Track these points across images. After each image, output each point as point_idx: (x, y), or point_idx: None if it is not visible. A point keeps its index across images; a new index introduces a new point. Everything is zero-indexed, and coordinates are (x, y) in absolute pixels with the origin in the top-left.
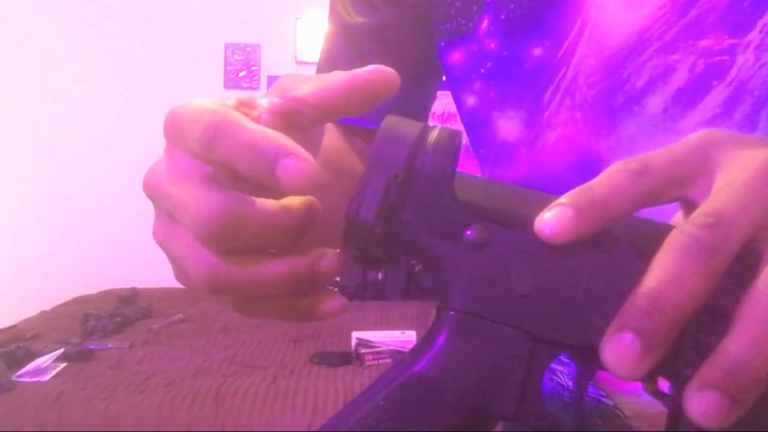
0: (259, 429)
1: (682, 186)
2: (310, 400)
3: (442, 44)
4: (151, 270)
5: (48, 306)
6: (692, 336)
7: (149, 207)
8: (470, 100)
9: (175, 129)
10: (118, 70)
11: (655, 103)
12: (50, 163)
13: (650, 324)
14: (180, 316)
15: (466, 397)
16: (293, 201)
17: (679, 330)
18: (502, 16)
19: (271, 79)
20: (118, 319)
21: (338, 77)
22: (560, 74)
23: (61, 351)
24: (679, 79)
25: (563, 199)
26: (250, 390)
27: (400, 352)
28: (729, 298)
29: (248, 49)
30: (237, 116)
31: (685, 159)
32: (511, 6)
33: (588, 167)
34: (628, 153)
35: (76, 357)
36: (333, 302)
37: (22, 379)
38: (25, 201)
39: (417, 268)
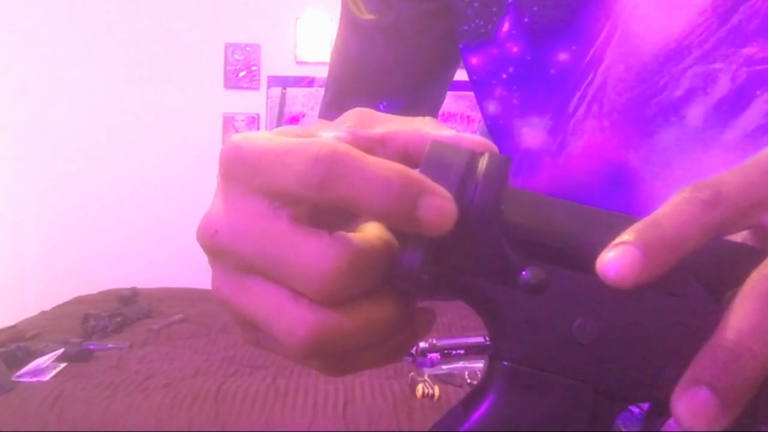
0: (259, 429)
1: (759, 212)
2: (310, 400)
3: (462, 46)
4: (151, 270)
5: (48, 306)
6: None
7: (149, 207)
8: (491, 107)
9: (247, 167)
10: (118, 70)
11: (694, 113)
12: (50, 163)
13: (728, 380)
14: (180, 316)
15: None
16: (382, 232)
17: (758, 384)
18: (525, 19)
19: (271, 79)
20: (118, 319)
21: (426, 129)
22: (587, 80)
23: (61, 351)
24: (720, 88)
25: (627, 235)
26: (250, 390)
27: None
28: None
29: (248, 49)
30: (351, 148)
31: (763, 181)
32: (535, 8)
33: (617, 177)
34: (663, 164)
35: (76, 357)
36: (429, 319)
37: (22, 379)
38: (25, 201)
39: None
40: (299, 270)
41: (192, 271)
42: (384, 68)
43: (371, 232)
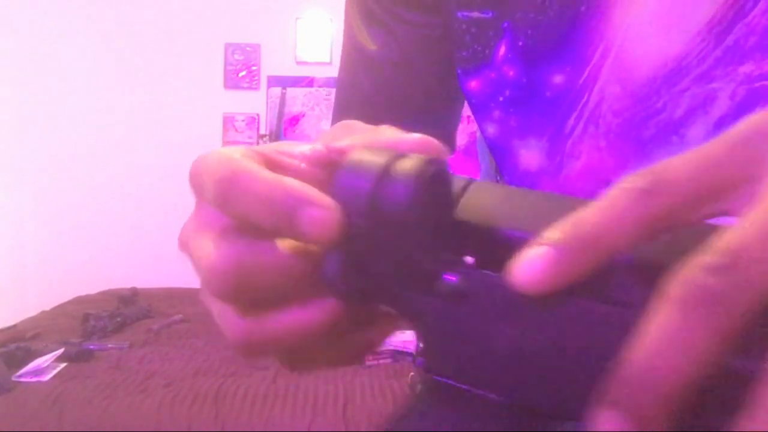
0: (259, 429)
1: (717, 198)
2: (310, 400)
3: (460, 71)
4: (151, 270)
5: (48, 306)
6: (700, 408)
7: (149, 208)
8: (490, 129)
9: (195, 181)
10: (118, 70)
11: (695, 133)
12: (50, 163)
13: (640, 401)
14: (180, 316)
15: None
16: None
17: (679, 399)
18: (520, 43)
19: (271, 79)
20: (118, 319)
21: (385, 136)
22: (582, 101)
23: (61, 351)
24: (720, 107)
25: (546, 233)
26: (250, 390)
27: (400, 352)
28: (752, 355)
29: (248, 49)
30: (251, 166)
31: (718, 162)
32: (529, 32)
33: None
34: None
35: (76, 357)
36: (389, 322)
37: (22, 379)
38: (25, 201)
39: None
40: (202, 273)
41: (192, 271)
42: (395, 96)
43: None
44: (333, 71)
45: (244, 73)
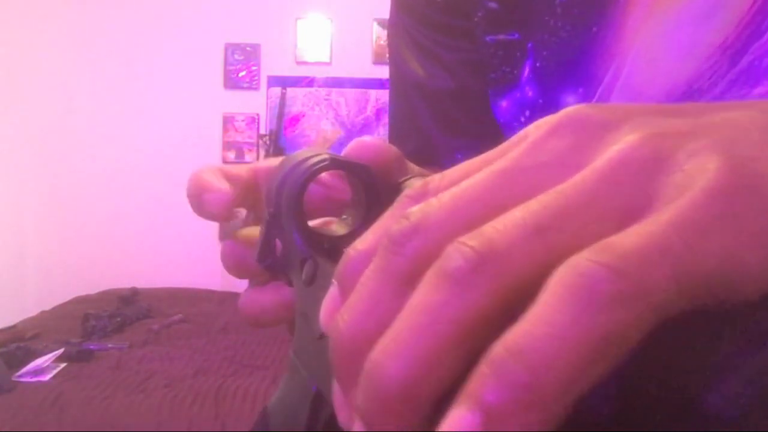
0: None
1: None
2: None
3: (491, 92)
4: (151, 270)
5: (48, 306)
6: None
7: (149, 208)
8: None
9: None
10: (118, 70)
11: None
12: (50, 163)
13: (371, 407)
14: (180, 316)
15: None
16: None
17: (419, 413)
18: (538, 64)
19: (271, 79)
20: (118, 319)
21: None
22: None
23: (61, 351)
24: None
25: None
26: (250, 390)
27: None
28: None
29: (248, 49)
30: (206, 169)
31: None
32: (545, 53)
33: None
34: None
35: (76, 357)
36: None
37: (22, 379)
38: (25, 201)
39: None
40: None
41: (192, 271)
42: (451, 123)
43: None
44: (333, 71)
45: (244, 73)
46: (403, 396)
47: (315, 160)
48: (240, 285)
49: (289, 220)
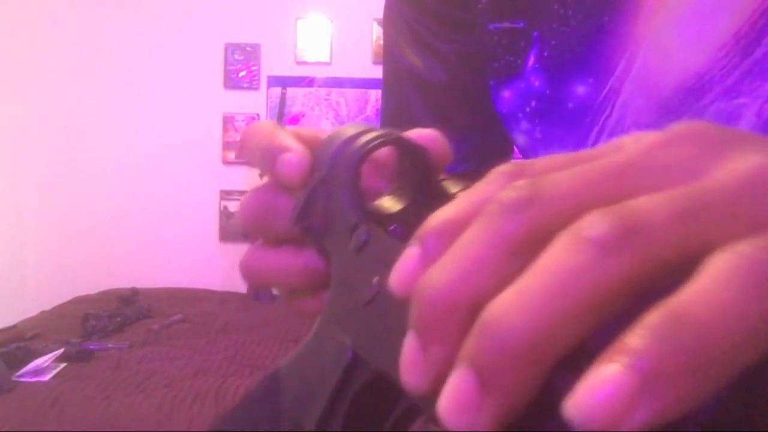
0: None
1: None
2: None
3: (492, 83)
4: (151, 270)
5: (48, 306)
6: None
7: (149, 207)
8: (519, 139)
9: None
10: (118, 70)
11: None
12: (50, 163)
13: (488, 358)
14: (180, 316)
15: (290, 395)
16: None
17: (537, 372)
18: (546, 53)
19: (271, 79)
20: (118, 319)
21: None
22: (605, 113)
23: (61, 351)
24: (746, 124)
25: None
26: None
27: None
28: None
29: (248, 49)
30: (264, 125)
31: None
32: (553, 42)
33: None
34: None
35: (76, 357)
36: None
37: (22, 379)
38: (25, 201)
39: None
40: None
41: (192, 271)
42: (445, 116)
43: None
44: (333, 71)
45: (244, 73)
46: (528, 349)
47: (377, 133)
48: (240, 286)
49: (343, 187)
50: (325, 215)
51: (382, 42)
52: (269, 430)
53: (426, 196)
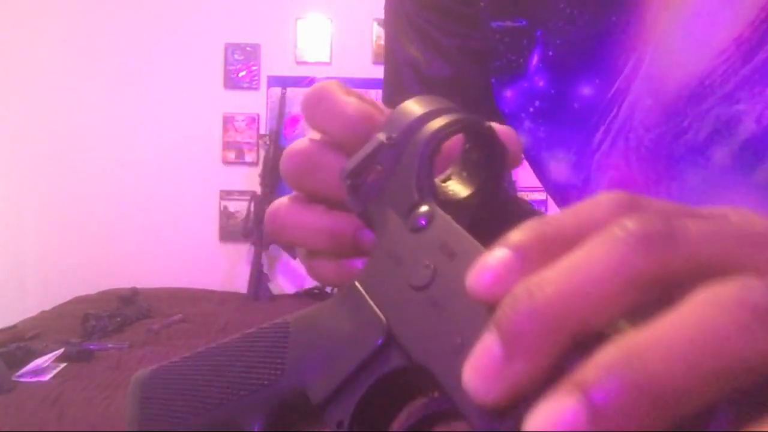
0: None
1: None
2: None
3: (494, 81)
4: (151, 270)
5: (48, 306)
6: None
7: (149, 207)
8: (522, 139)
9: None
10: (118, 70)
11: (720, 155)
12: (50, 162)
13: (516, 322)
14: (180, 316)
15: (298, 351)
16: None
17: (561, 347)
18: (550, 53)
19: (271, 79)
20: (118, 319)
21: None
22: (612, 114)
23: (61, 351)
24: (745, 130)
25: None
26: None
27: None
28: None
29: (248, 49)
30: (339, 87)
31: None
32: (558, 42)
33: None
34: (692, 204)
35: (76, 357)
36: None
37: (22, 379)
38: (25, 201)
39: None
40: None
41: (192, 271)
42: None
43: None
44: (333, 71)
45: (244, 73)
46: (554, 318)
47: (465, 116)
48: (241, 286)
49: (415, 159)
50: (384, 181)
51: (382, 41)
52: (265, 375)
53: (488, 192)
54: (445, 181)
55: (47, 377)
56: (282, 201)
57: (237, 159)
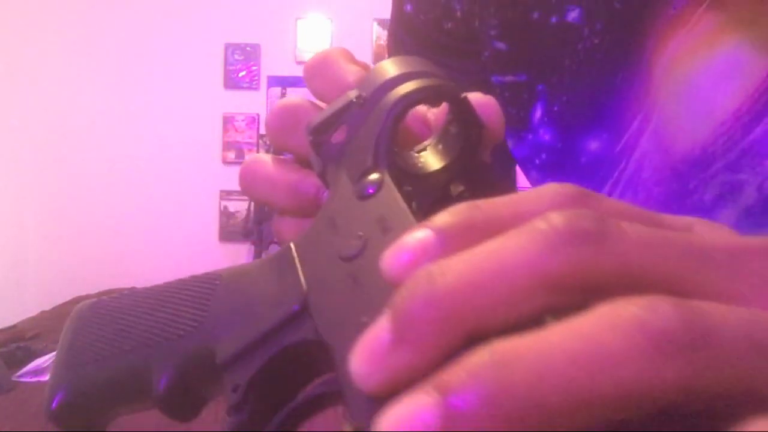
0: None
1: None
2: None
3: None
4: (151, 270)
5: (48, 306)
6: None
7: (149, 207)
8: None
9: None
10: (118, 70)
11: (725, 218)
12: (51, 163)
13: (410, 308)
14: None
15: (219, 308)
16: None
17: (453, 342)
18: (555, 108)
19: (271, 79)
20: None
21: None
22: (620, 167)
23: None
24: (747, 197)
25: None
26: None
27: None
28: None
29: (248, 49)
30: (339, 54)
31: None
32: (564, 98)
33: None
34: None
35: None
36: None
37: (22, 379)
38: (25, 201)
39: None
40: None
41: (192, 271)
42: None
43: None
44: None
45: (244, 73)
46: (452, 311)
47: (439, 82)
48: None
49: (378, 122)
50: (347, 142)
51: (382, 41)
52: (182, 326)
53: (462, 167)
54: (420, 151)
55: (47, 377)
56: (258, 156)
57: (237, 159)
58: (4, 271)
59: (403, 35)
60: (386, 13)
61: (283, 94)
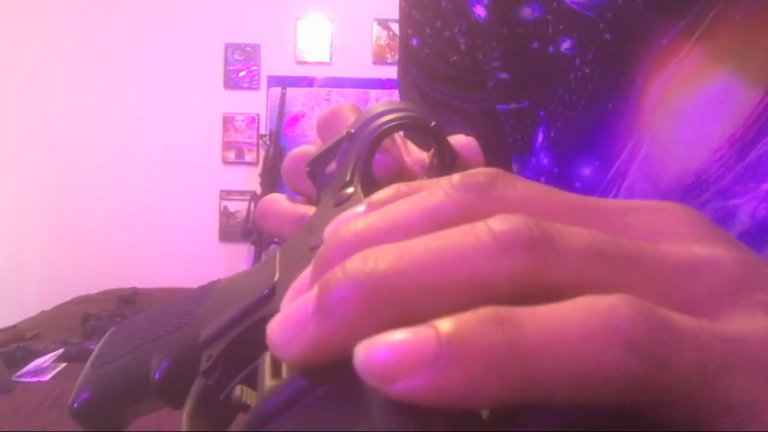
0: None
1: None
2: None
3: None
4: (151, 270)
5: (48, 306)
6: None
7: (149, 207)
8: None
9: None
10: (118, 70)
11: None
12: (51, 163)
13: (337, 285)
14: None
15: (212, 304)
16: None
17: (377, 328)
18: (552, 134)
19: (271, 79)
20: (118, 319)
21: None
22: (612, 194)
23: (61, 351)
24: (741, 223)
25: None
26: None
27: None
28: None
29: (248, 49)
30: (346, 108)
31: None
32: (559, 124)
33: None
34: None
35: (76, 357)
36: None
37: (22, 379)
38: (25, 201)
39: None
40: None
41: (192, 271)
42: None
43: None
44: (333, 71)
45: (244, 73)
46: (384, 292)
47: (415, 114)
48: None
49: (360, 148)
50: (336, 169)
51: (382, 41)
52: (179, 322)
53: None
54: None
55: (47, 377)
56: (273, 195)
57: (237, 159)
58: (4, 271)
59: (410, 67)
60: (386, 13)
61: (283, 94)
